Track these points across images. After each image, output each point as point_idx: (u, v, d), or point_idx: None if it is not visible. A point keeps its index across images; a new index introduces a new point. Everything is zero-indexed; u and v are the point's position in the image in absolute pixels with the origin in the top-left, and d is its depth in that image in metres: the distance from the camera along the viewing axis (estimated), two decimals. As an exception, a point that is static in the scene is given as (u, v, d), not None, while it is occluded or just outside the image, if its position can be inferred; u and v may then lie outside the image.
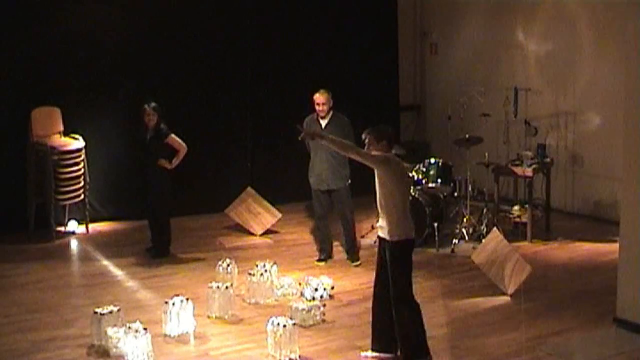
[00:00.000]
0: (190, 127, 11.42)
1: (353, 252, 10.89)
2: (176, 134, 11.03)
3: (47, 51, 12.26)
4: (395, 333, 7.72)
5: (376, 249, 7.86)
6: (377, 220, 7.92)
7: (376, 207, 7.75)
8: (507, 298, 9.47)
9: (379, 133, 7.68)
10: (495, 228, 10.45)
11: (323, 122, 10.57)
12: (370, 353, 7.92)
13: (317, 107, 10.56)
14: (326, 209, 10.87)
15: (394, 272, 7.58)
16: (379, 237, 7.79)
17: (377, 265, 7.88)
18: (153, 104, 10.94)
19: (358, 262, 10.77)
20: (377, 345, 7.88)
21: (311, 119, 10.67)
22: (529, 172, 11.68)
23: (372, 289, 8.16)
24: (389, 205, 7.56)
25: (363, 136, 7.77)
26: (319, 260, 10.94)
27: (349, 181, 10.74)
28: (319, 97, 10.52)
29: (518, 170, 11.77)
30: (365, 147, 7.69)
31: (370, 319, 7.97)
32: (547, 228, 12.14)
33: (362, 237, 11.65)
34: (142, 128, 11.03)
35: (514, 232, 11.84)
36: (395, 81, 15.34)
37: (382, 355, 7.85)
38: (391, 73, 15.24)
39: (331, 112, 10.60)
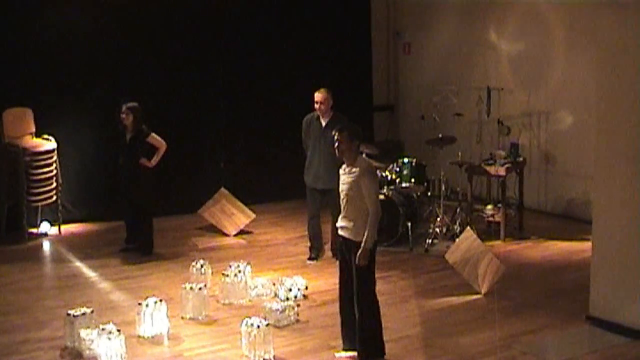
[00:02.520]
0: (163, 128, 11.32)
1: None
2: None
3: (18, 52, 12.20)
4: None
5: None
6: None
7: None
8: (480, 297, 9.49)
9: (352, 132, 7.63)
10: (468, 227, 10.45)
11: (323, 122, 10.52)
12: (344, 353, 7.91)
13: (315, 105, 10.51)
14: (319, 208, 10.84)
15: (361, 273, 7.55)
16: (342, 237, 7.73)
17: (340, 266, 7.85)
18: (129, 104, 10.93)
19: None
20: (349, 344, 7.86)
21: (311, 118, 10.66)
22: (502, 171, 11.70)
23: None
24: (362, 207, 7.52)
25: (334, 133, 7.68)
26: (310, 258, 10.94)
27: None
28: (317, 95, 10.48)
29: (491, 169, 11.79)
30: (337, 143, 7.62)
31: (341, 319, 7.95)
32: (520, 227, 12.16)
33: None
34: (122, 128, 11.03)
35: (487, 231, 11.86)
36: (368, 81, 15.38)
37: (355, 354, 7.82)
38: (364, 73, 15.27)
39: (332, 112, 10.55)
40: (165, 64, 13.17)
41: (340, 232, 7.74)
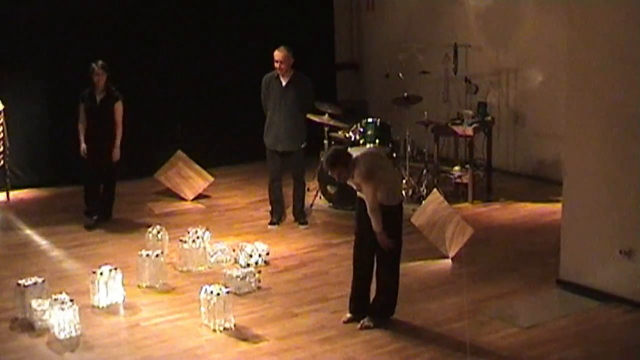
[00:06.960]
0: (118, 89, 11.07)
1: (303, 216, 10.85)
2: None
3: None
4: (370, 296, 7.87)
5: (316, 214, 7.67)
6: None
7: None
8: (448, 261, 9.43)
9: (344, 162, 7.46)
10: (435, 189, 10.35)
11: (283, 81, 10.41)
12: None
13: (275, 65, 10.37)
14: (280, 171, 10.74)
15: (389, 235, 7.59)
16: (363, 200, 7.62)
17: (357, 231, 7.78)
18: (100, 62, 10.67)
19: (307, 226, 10.70)
20: (358, 307, 7.86)
21: (271, 77, 10.53)
22: (469, 131, 11.61)
23: (309, 254, 9.06)
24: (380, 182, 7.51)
25: (331, 174, 7.54)
26: (271, 223, 10.83)
27: (305, 144, 10.63)
28: (277, 54, 10.33)
29: (458, 129, 11.71)
30: (338, 179, 7.56)
31: (351, 283, 7.90)
32: (489, 189, 12.08)
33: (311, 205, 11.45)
34: (91, 89, 10.74)
35: (454, 193, 11.79)
36: (331, 39, 15.22)
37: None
38: (326, 30, 15.10)
39: (292, 71, 10.43)
40: (118, 23, 12.89)
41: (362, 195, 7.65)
